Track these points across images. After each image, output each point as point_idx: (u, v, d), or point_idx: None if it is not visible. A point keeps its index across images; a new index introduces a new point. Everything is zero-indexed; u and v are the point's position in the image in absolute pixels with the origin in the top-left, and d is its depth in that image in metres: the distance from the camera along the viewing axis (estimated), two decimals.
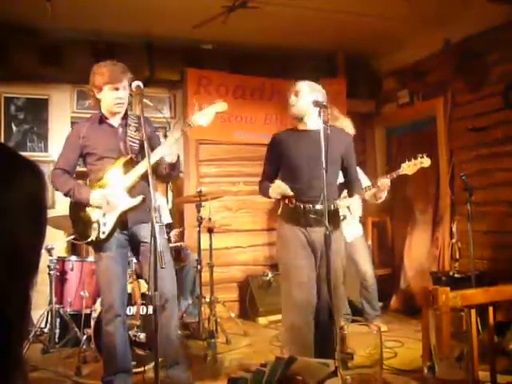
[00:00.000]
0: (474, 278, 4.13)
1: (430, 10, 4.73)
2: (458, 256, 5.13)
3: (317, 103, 3.07)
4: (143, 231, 3.12)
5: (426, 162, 4.03)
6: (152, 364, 3.11)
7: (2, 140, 5.13)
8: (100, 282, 3.25)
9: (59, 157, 3.24)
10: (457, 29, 5.09)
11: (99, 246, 3.12)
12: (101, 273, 3.18)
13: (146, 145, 2.71)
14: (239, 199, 5.94)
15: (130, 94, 3.20)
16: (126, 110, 3.24)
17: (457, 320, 1.07)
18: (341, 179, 3.52)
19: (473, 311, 1.46)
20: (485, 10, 4.68)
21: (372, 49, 6.02)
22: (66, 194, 3.15)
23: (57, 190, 3.22)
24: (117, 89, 3.08)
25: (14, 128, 5.27)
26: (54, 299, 4.22)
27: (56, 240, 4.51)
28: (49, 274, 4.22)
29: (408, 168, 4.03)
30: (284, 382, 1.24)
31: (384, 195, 4.12)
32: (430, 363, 1.09)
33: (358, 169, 3.67)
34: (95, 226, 3.07)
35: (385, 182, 3.94)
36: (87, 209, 3.10)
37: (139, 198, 3.06)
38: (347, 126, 4.12)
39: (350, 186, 3.53)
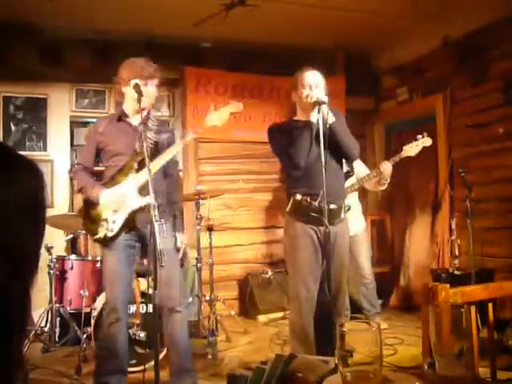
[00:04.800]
0: (474, 275, 4.14)
1: (429, 6, 4.73)
2: (457, 253, 5.13)
3: (317, 102, 3.04)
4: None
5: (427, 141, 4.03)
6: (152, 363, 3.11)
7: (1, 139, 5.12)
8: (105, 282, 3.23)
9: (79, 153, 3.33)
10: (456, 25, 5.08)
11: (106, 244, 3.09)
12: (106, 272, 3.16)
13: (144, 145, 2.72)
14: (239, 197, 5.94)
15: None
16: (149, 111, 3.22)
17: (457, 316, 1.07)
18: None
19: (473, 308, 1.46)
20: (484, 6, 4.67)
21: (371, 46, 6.02)
22: (79, 191, 3.19)
23: (75, 184, 3.26)
24: (146, 84, 3.06)
25: (13, 127, 5.27)
26: (54, 298, 4.22)
27: (55, 239, 4.51)
28: (48, 273, 4.22)
29: (410, 150, 4.03)
30: (284, 379, 1.24)
31: (387, 181, 4.14)
32: (430, 360, 1.09)
33: (357, 160, 3.66)
34: (104, 223, 3.06)
35: (387, 166, 3.97)
36: (98, 206, 3.10)
37: (148, 198, 3.05)
38: None
39: None
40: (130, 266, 3.19)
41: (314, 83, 3.17)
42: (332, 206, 3.06)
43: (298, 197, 3.16)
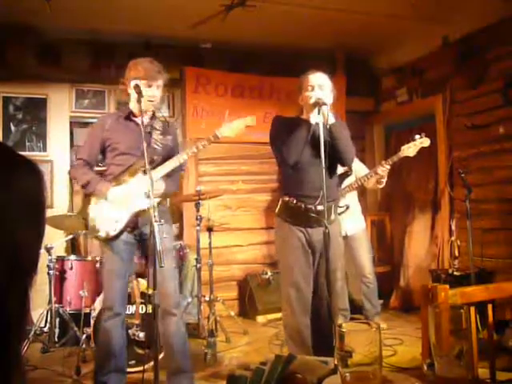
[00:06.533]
0: (474, 276, 4.14)
1: (428, 8, 4.73)
2: (457, 253, 5.14)
3: (317, 102, 3.03)
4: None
5: (425, 141, 4.03)
6: (152, 363, 3.11)
7: (1, 139, 5.12)
8: (103, 279, 3.23)
9: (82, 147, 3.24)
10: (455, 26, 5.09)
11: (108, 242, 3.09)
12: (106, 269, 3.17)
13: (144, 146, 2.72)
14: (238, 198, 5.94)
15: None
16: (154, 112, 3.22)
17: (456, 317, 1.07)
18: (339, 170, 3.49)
19: (472, 308, 1.46)
20: (483, 7, 4.68)
21: (371, 47, 6.02)
22: (83, 186, 3.14)
23: (74, 179, 3.20)
24: (150, 86, 3.06)
25: (13, 128, 5.26)
26: (54, 298, 4.22)
27: (55, 239, 4.51)
28: (48, 273, 4.22)
29: (408, 150, 4.03)
30: (284, 380, 1.24)
31: (384, 180, 4.16)
32: (429, 360, 1.09)
33: (355, 159, 3.66)
34: (107, 222, 3.05)
35: (384, 169, 3.99)
36: (103, 203, 3.09)
37: (155, 201, 3.05)
38: None
39: None
40: (129, 265, 3.20)
41: (317, 84, 3.15)
42: (320, 208, 3.04)
43: (286, 198, 3.17)
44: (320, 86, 3.15)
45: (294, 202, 3.13)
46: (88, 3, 4.52)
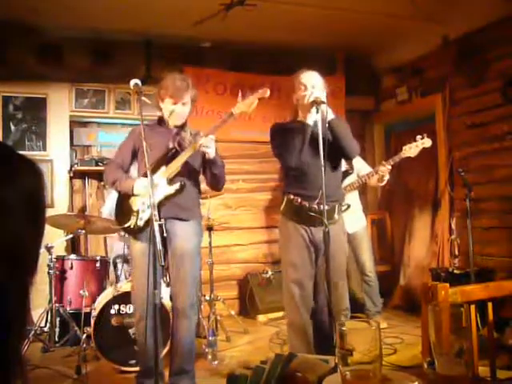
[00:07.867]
0: (474, 274, 4.14)
1: (428, 7, 4.73)
2: (457, 252, 5.14)
3: (315, 101, 3.03)
4: (175, 227, 3.14)
5: (427, 142, 4.06)
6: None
7: (1, 139, 5.12)
8: (132, 277, 3.32)
9: (117, 151, 3.40)
10: (455, 25, 5.09)
11: (134, 234, 3.18)
12: (133, 266, 3.27)
13: (144, 144, 2.72)
14: (239, 197, 5.94)
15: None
16: (186, 123, 3.35)
17: (456, 316, 1.07)
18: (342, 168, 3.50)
19: (472, 307, 1.46)
20: (483, 6, 4.68)
21: (371, 46, 6.02)
22: (112, 184, 3.26)
23: (105, 179, 3.34)
24: (175, 103, 3.20)
25: (13, 127, 5.26)
26: (54, 298, 4.22)
27: (55, 239, 4.51)
28: (48, 272, 4.22)
29: (410, 150, 4.07)
30: (284, 378, 1.24)
31: (386, 178, 4.19)
32: (429, 359, 1.09)
33: (358, 158, 3.66)
34: (135, 214, 3.14)
35: (385, 169, 4.01)
36: (131, 199, 3.17)
37: (177, 184, 3.10)
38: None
39: None
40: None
41: (310, 84, 3.17)
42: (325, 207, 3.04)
43: (291, 196, 3.19)
44: (313, 86, 3.16)
45: (299, 200, 3.15)
46: (88, 2, 4.52)
